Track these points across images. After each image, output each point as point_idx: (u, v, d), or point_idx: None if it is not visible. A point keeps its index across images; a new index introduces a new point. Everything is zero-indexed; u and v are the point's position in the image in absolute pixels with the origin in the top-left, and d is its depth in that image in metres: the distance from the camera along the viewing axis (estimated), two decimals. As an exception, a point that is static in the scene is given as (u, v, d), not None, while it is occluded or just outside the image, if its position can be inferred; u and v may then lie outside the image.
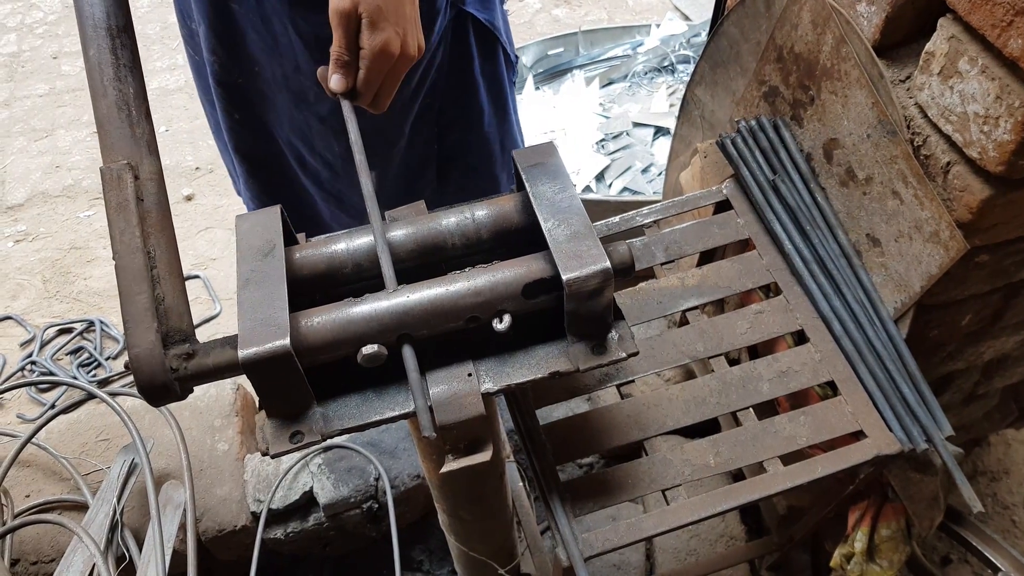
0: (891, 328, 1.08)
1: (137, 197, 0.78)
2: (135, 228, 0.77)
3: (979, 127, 0.90)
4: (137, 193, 0.78)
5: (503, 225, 0.86)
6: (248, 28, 1.31)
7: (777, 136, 1.17)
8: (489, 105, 1.53)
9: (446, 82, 1.44)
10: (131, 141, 0.80)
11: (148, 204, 0.79)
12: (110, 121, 0.80)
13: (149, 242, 0.78)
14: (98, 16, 0.82)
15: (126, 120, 0.81)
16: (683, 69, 3.14)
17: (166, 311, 0.76)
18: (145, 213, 0.79)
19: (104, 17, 0.82)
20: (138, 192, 0.78)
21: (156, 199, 0.80)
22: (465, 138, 1.55)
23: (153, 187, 0.80)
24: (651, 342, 1.10)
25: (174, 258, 0.79)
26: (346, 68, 0.93)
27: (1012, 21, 0.82)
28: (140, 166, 0.80)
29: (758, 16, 1.23)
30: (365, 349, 0.74)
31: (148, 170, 0.80)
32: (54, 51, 3.85)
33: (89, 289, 2.84)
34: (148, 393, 0.74)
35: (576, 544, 0.96)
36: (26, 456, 1.73)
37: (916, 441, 1.02)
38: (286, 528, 1.68)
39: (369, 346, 0.74)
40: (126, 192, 0.77)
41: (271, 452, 0.76)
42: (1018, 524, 2.00)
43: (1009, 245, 1.04)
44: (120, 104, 0.81)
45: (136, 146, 0.80)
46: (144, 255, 0.77)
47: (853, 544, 1.19)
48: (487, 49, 1.45)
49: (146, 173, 0.80)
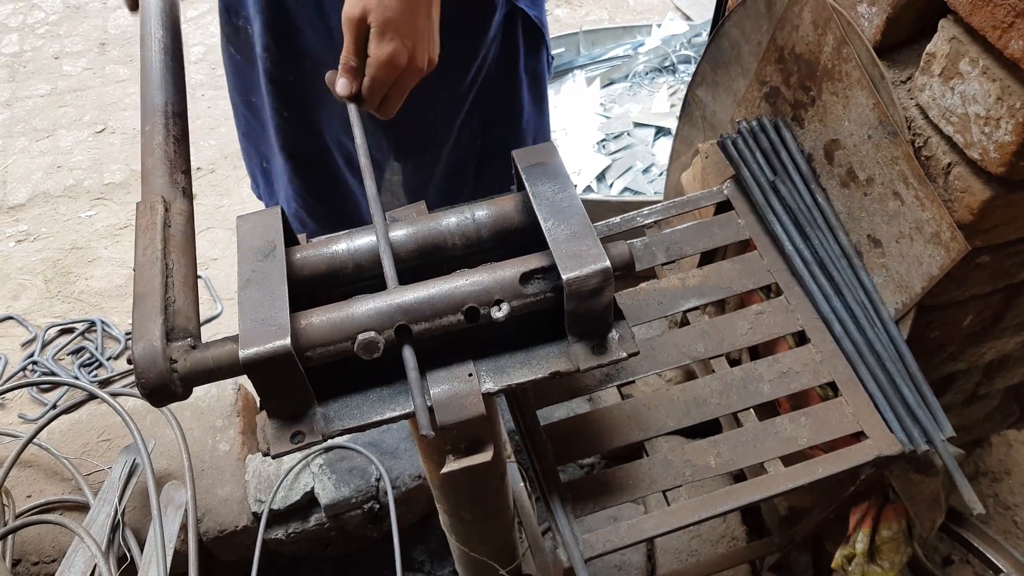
0: (892, 329, 1.08)
1: (165, 223, 0.82)
2: (158, 244, 0.80)
3: (980, 128, 0.90)
4: (166, 220, 0.82)
5: (503, 225, 0.86)
6: (305, 23, 1.31)
7: (778, 137, 1.17)
8: (530, 102, 1.54)
9: (494, 79, 1.45)
10: (169, 185, 0.86)
11: (174, 230, 0.83)
12: (152, 171, 0.87)
13: (169, 257, 0.80)
14: (158, 102, 0.93)
15: (167, 172, 0.88)
16: (684, 69, 3.14)
17: (175, 312, 0.77)
18: (170, 236, 0.82)
19: (163, 104, 0.93)
20: (167, 220, 0.82)
21: (183, 229, 0.84)
22: (505, 135, 1.56)
23: (181, 220, 0.84)
24: (652, 342, 1.10)
25: (191, 274, 0.82)
26: (352, 74, 0.93)
27: (1013, 23, 0.82)
28: (172, 203, 0.85)
29: (759, 17, 1.23)
30: (361, 336, 0.74)
31: (179, 207, 0.85)
32: (56, 51, 3.85)
33: (91, 289, 2.85)
34: (149, 388, 0.74)
35: (577, 545, 0.96)
36: (27, 456, 1.73)
37: (917, 442, 1.02)
38: (287, 528, 1.68)
39: (364, 333, 0.74)
40: (156, 218, 0.81)
41: (272, 452, 0.77)
42: (1020, 525, 2.00)
43: (1010, 246, 1.04)
44: (164, 161, 0.89)
45: (172, 189, 0.86)
46: (162, 264, 0.79)
47: (854, 545, 1.19)
48: (533, 46, 1.46)
49: (177, 209, 0.85)
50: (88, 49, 3.84)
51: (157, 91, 0.94)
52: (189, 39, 3.86)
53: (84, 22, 3.97)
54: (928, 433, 1.02)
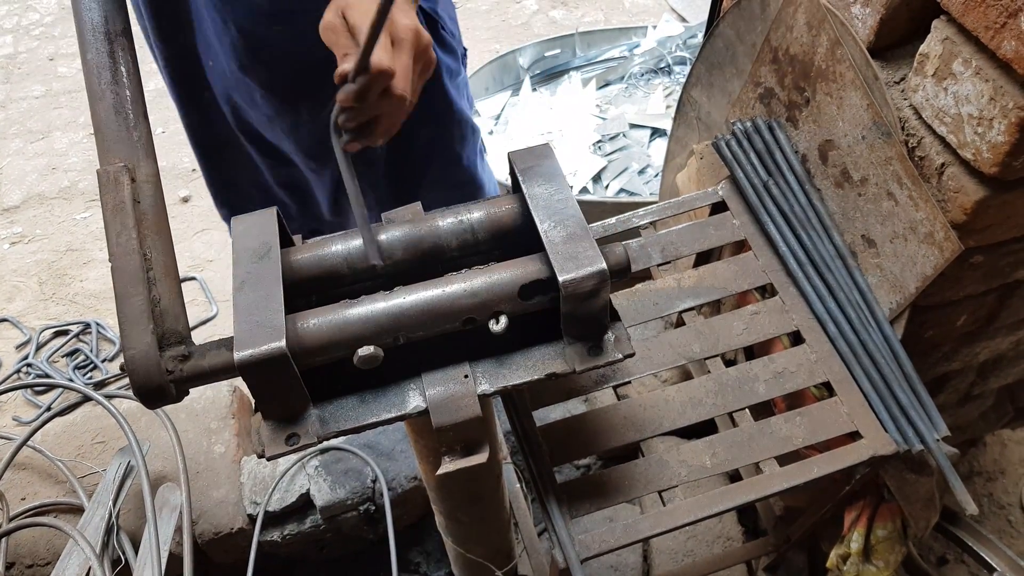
0: (886, 329, 1.08)
1: (134, 199, 0.78)
2: (131, 230, 0.77)
3: (973, 128, 0.91)
4: (134, 195, 0.78)
5: (499, 227, 0.86)
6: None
7: (772, 138, 1.18)
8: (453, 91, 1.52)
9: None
10: (128, 144, 0.80)
11: (145, 206, 0.80)
12: (107, 125, 0.81)
13: (145, 244, 0.78)
14: (96, 20, 0.82)
15: (123, 123, 0.81)
16: (679, 71, 3.14)
17: (162, 313, 0.76)
18: (142, 215, 0.79)
19: (102, 21, 0.83)
20: (135, 194, 0.79)
21: (153, 201, 0.80)
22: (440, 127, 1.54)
23: (150, 189, 0.80)
24: (647, 343, 1.10)
25: (170, 260, 0.79)
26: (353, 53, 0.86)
27: (1005, 23, 0.83)
28: (137, 168, 0.80)
29: (753, 18, 1.24)
30: (361, 351, 0.74)
31: (145, 172, 0.80)
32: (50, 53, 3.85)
33: (85, 291, 2.84)
34: (144, 395, 0.74)
35: (572, 545, 0.96)
36: (22, 459, 1.72)
37: (911, 442, 1.02)
38: (283, 530, 1.68)
39: (365, 347, 0.74)
40: (123, 194, 0.78)
41: (267, 454, 0.76)
42: (1014, 524, 2.01)
43: (1003, 246, 1.04)
44: (117, 107, 0.81)
45: (133, 149, 0.81)
46: (140, 257, 0.77)
47: (849, 544, 1.20)
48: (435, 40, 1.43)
49: (143, 176, 0.80)
50: (82, 51, 3.82)
51: (94, 4, 0.82)
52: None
53: (78, 24, 3.96)
54: (922, 433, 1.02)
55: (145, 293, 0.75)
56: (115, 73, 0.82)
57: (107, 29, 0.82)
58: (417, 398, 0.79)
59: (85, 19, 0.82)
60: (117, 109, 0.81)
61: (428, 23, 1.42)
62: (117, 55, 0.82)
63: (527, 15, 4.07)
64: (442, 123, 1.55)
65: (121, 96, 0.81)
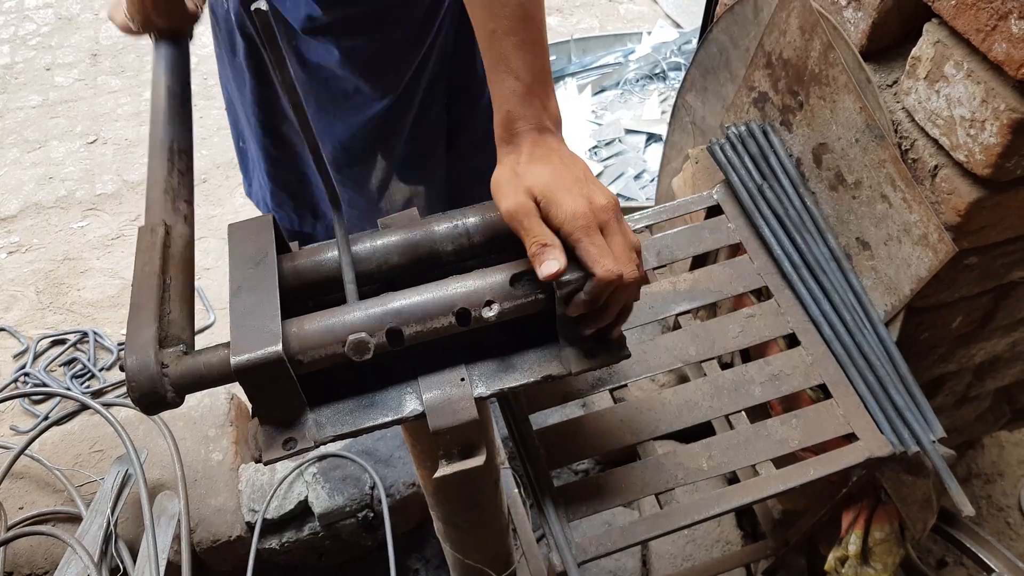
0: (881, 331, 1.09)
1: (164, 244, 0.83)
2: (156, 261, 0.81)
3: (965, 130, 0.91)
4: (165, 241, 0.83)
5: (495, 230, 0.86)
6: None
7: (766, 141, 1.18)
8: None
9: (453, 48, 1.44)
10: (170, 212, 0.88)
11: (173, 251, 0.84)
12: (155, 201, 0.89)
13: (167, 274, 0.81)
14: (163, 139, 0.97)
15: (170, 200, 0.90)
16: (674, 76, 3.15)
17: (169, 322, 0.77)
18: (169, 256, 0.83)
19: (168, 141, 0.97)
20: (166, 241, 0.84)
21: (182, 252, 0.85)
22: (472, 108, 1.54)
23: (181, 243, 0.86)
24: (644, 346, 1.10)
25: (188, 291, 0.82)
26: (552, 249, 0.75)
27: (996, 26, 0.83)
28: (174, 228, 0.86)
29: (747, 23, 1.24)
30: (351, 337, 0.74)
31: (180, 232, 0.87)
32: (47, 63, 3.85)
33: (82, 300, 2.84)
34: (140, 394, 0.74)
35: (569, 549, 0.96)
36: (20, 468, 1.72)
37: (907, 443, 1.02)
38: (281, 538, 1.68)
39: (355, 334, 0.74)
40: (156, 239, 0.83)
41: (264, 459, 0.76)
42: (1013, 526, 2.01)
43: (997, 247, 1.05)
44: (166, 191, 0.91)
45: (174, 215, 0.88)
46: (159, 279, 0.80)
47: (847, 547, 1.20)
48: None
49: (177, 233, 0.86)
50: (80, 60, 3.83)
51: (162, 129, 0.98)
52: (181, 50, 3.85)
53: (76, 33, 3.96)
54: (917, 435, 1.02)
55: (156, 304, 0.77)
56: (170, 172, 0.94)
57: (170, 146, 0.97)
58: (414, 402, 0.79)
59: (155, 135, 0.98)
60: (166, 192, 0.91)
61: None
62: (174, 162, 0.96)
63: (523, 22, 4.07)
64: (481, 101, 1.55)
65: (171, 184, 0.93)
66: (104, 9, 4.06)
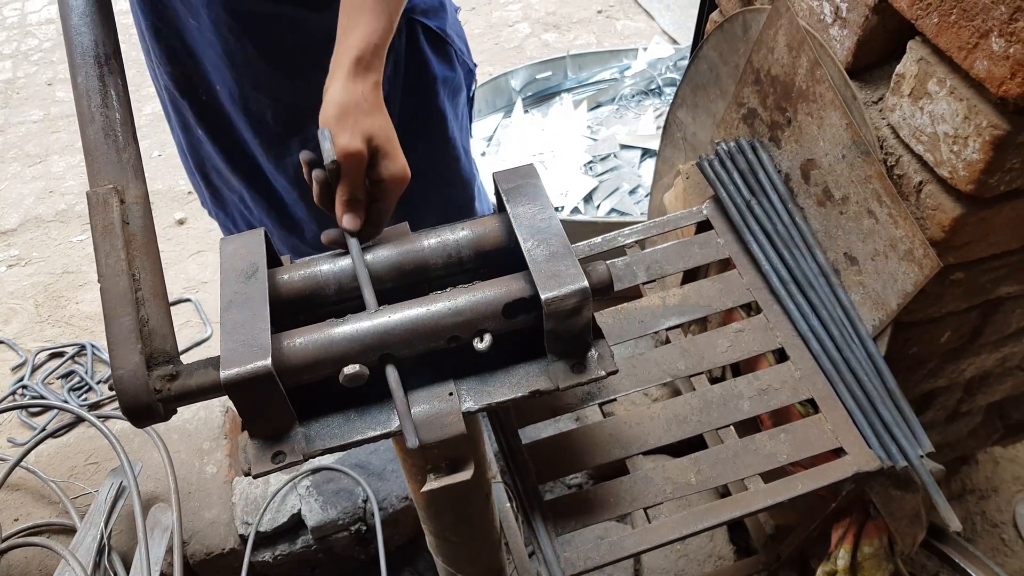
0: (870, 346, 1.09)
1: (123, 220, 0.80)
2: (120, 251, 0.78)
3: (949, 147, 0.92)
4: (123, 217, 0.80)
5: (484, 246, 0.87)
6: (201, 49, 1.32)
7: (755, 157, 1.19)
8: (450, 111, 1.54)
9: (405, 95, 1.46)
10: (118, 166, 0.82)
11: (134, 227, 0.81)
12: (97, 147, 0.82)
13: (134, 265, 0.79)
14: (86, 44, 0.84)
15: (113, 146, 0.83)
16: (670, 92, 3.18)
17: (150, 333, 0.77)
18: (130, 236, 0.80)
19: (92, 45, 0.84)
20: (124, 216, 0.80)
21: (142, 223, 0.82)
22: (429, 148, 1.56)
23: (139, 211, 0.82)
24: (633, 361, 1.11)
25: (159, 281, 0.80)
26: (359, 207, 0.86)
27: (977, 43, 0.84)
28: (126, 190, 0.81)
29: (736, 40, 1.26)
30: (347, 369, 0.75)
31: (134, 194, 0.82)
32: (49, 78, 3.88)
33: (81, 313, 2.85)
34: (132, 414, 0.75)
35: (557, 562, 0.96)
36: (15, 479, 1.73)
37: (895, 458, 1.03)
38: (274, 551, 1.68)
39: (351, 366, 0.75)
40: (112, 216, 0.79)
41: (253, 472, 0.77)
42: (1007, 542, 2.00)
43: (983, 263, 1.06)
44: (107, 130, 0.83)
45: (122, 171, 0.82)
46: (129, 278, 0.78)
47: (836, 562, 1.20)
48: (442, 57, 1.47)
49: (132, 197, 0.82)
50: (80, 75, 3.86)
51: (84, 28, 0.84)
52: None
53: (77, 48, 3.99)
54: (905, 449, 1.03)
55: (133, 313, 0.76)
56: (105, 96, 0.84)
57: (97, 52, 0.84)
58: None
59: (75, 43, 0.84)
60: (107, 132, 0.83)
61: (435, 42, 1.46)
62: (106, 79, 0.84)
63: (520, 38, 4.11)
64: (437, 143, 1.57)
65: (111, 119, 0.83)
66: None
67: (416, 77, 1.46)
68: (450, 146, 1.58)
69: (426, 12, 1.41)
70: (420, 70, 1.46)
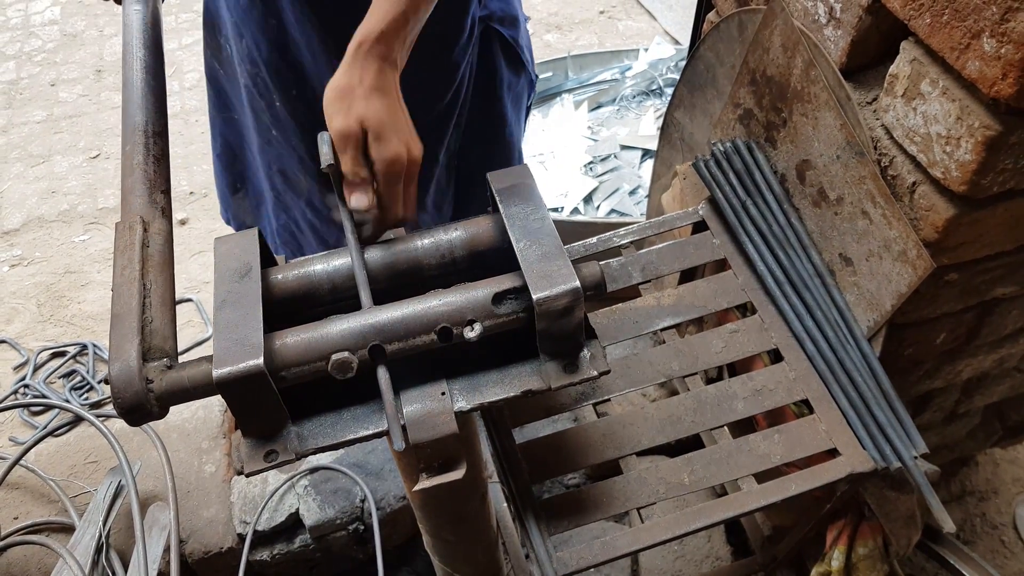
0: (864, 347, 1.09)
1: (143, 243, 0.83)
2: (136, 264, 0.81)
3: (942, 147, 0.92)
4: (144, 240, 0.84)
5: (477, 246, 0.87)
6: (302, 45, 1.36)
7: (751, 158, 1.19)
8: (512, 115, 1.62)
9: (474, 96, 1.52)
10: (148, 206, 0.88)
11: (152, 250, 0.84)
12: (132, 192, 0.89)
13: (147, 277, 0.82)
14: (138, 122, 0.95)
15: (146, 192, 0.89)
16: (670, 92, 3.17)
17: (152, 332, 0.78)
18: (148, 256, 0.83)
19: (143, 123, 0.95)
20: (145, 240, 0.84)
21: (161, 249, 0.85)
22: (490, 149, 1.63)
23: (160, 240, 0.86)
24: (627, 361, 1.11)
25: (168, 295, 0.83)
26: (365, 184, 0.89)
27: (969, 44, 0.85)
28: (151, 223, 0.86)
29: (732, 40, 1.26)
30: (334, 356, 0.75)
31: (158, 227, 0.87)
32: (52, 79, 3.89)
33: (83, 313, 2.85)
34: (124, 406, 0.75)
35: (550, 562, 0.97)
36: (14, 478, 1.73)
37: (889, 459, 1.03)
38: (272, 550, 1.68)
39: (338, 353, 0.75)
40: (134, 238, 0.83)
41: (246, 471, 0.77)
42: (1007, 544, 2.00)
43: (978, 264, 1.06)
44: (143, 181, 0.90)
45: (152, 209, 0.88)
46: (140, 285, 0.80)
47: (830, 563, 1.20)
48: (511, 64, 1.54)
49: (155, 229, 0.86)
50: (84, 76, 3.87)
51: (137, 111, 0.95)
52: (184, 65, 3.90)
53: (80, 50, 4.01)
54: (899, 450, 1.03)
55: (138, 314, 0.78)
56: (146, 157, 0.92)
57: (146, 129, 0.95)
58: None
59: (129, 117, 0.96)
60: (143, 181, 0.90)
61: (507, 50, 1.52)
62: (150, 146, 0.94)
63: (523, 39, 4.10)
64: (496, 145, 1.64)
65: (148, 172, 0.91)
66: (109, 26, 4.11)
67: (486, 81, 1.52)
68: (508, 149, 1.65)
69: (503, 21, 1.48)
70: (491, 75, 1.53)
